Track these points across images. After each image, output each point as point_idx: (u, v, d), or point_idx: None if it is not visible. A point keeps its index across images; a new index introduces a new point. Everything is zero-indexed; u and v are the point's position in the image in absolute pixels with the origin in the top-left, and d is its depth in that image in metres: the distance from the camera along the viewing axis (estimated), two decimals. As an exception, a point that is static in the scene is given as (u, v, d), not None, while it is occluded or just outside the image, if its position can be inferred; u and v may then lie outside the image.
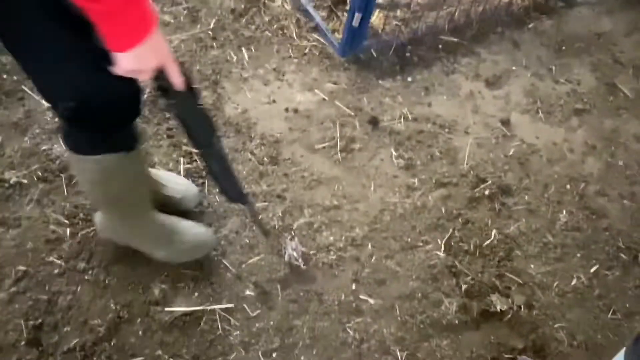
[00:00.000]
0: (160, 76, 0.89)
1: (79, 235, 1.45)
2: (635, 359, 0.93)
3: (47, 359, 1.26)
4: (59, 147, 1.62)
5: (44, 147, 1.61)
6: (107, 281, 1.39)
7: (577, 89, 2.20)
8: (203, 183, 1.65)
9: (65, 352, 1.27)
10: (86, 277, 1.39)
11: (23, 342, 1.27)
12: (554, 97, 2.14)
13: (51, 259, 1.40)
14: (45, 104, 1.72)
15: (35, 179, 1.54)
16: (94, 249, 1.43)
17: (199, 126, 1.01)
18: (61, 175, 1.57)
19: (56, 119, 1.68)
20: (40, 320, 1.30)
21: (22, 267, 1.37)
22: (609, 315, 1.57)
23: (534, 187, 1.84)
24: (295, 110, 1.92)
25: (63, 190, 1.53)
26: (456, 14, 2.34)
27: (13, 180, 1.53)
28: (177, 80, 0.91)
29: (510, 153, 1.92)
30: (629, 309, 1.60)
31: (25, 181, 1.53)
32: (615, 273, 1.67)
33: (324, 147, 1.82)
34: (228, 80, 1.97)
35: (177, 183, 1.51)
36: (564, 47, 2.36)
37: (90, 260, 1.41)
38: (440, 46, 2.27)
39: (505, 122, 2.02)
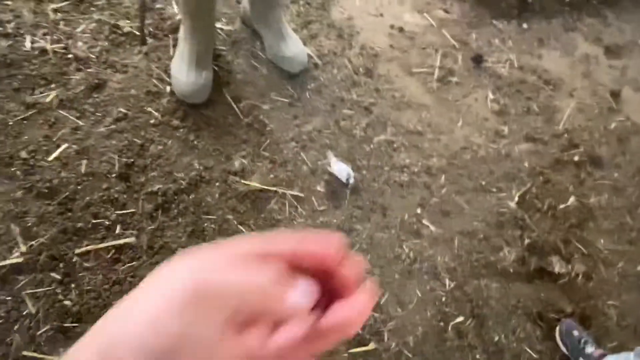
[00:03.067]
0: None
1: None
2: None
3: (132, 195, 1.37)
4: (172, 9, 1.67)
5: (158, 6, 1.66)
6: (195, 142, 1.47)
7: None
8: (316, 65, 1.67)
9: (149, 194, 1.38)
10: (177, 134, 1.47)
11: (114, 175, 1.38)
12: (677, 81, 1.97)
13: (149, 109, 1.49)
14: (166, -35, 1.75)
15: (147, 33, 1.60)
16: (188, 111, 1.51)
17: None
18: (169, 36, 1.62)
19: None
20: (132, 160, 1.41)
21: (123, 110, 1.47)
22: (668, 309, 1.53)
23: (626, 166, 1.75)
24: (401, 29, 1.87)
25: (170, 50, 1.59)
26: (594, -32, 2.14)
27: (126, 29, 1.60)
28: None
29: (612, 127, 1.82)
30: (690, 309, 1.54)
31: (137, 33, 1.60)
32: (686, 272, 1.60)
33: (420, 72, 1.78)
34: (340, -16, 1.92)
35: (295, 44, 1.62)
36: (703, 32, 2.13)
37: (184, 120, 1.49)
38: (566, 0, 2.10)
39: (615, 95, 1.89)
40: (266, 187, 1.45)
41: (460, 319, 1.39)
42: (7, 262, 1.20)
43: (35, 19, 1.55)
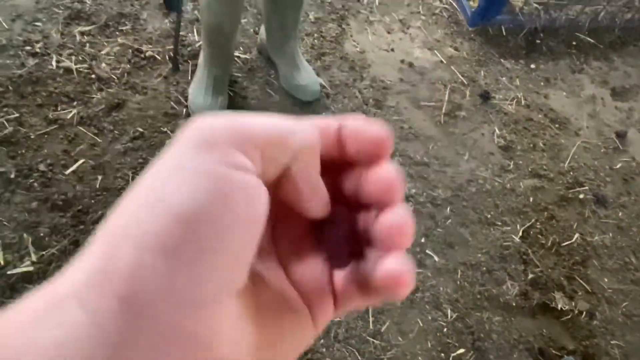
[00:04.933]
0: None
1: (193, 117, 1.58)
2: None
3: (143, 211, 1.41)
4: (193, 37, 1.75)
5: (181, 33, 1.74)
6: (206, 163, 1.51)
7: None
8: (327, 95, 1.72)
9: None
10: (190, 154, 1.52)
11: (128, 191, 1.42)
12: (682, 125, 2.00)
13: (166, 129, 1.54)
14: (190, -4, 1.85)
15: (167, 58, 1.68)
16: (202, 132, 1.56)
17: None
18: (189, 61, 1.70)
19: (195, 11, 1.81)
20: (145, 177, 1.45)
21: (140, 129, 1.52)
22: (673, 352, 1.50)
23: (631, 206, 1.76)
24: (411, 64, 1.93)
25: (188, 75, 1.66)
26: (601, 14, 2.21)
27: (148, 53, 1.68)
28: None
29: (617, 167, 1.84)
30: (696, 354, 1.52)
31: (158, 57, 1.67)
32: (692, 315, 1.58)
33: (429, 106, 1.83)
34: (354, 19, 2.01)
35: (308, 74, 1.68)
36: None
37: (197, 141, 1.54)
38: (574, 43, 2.17)
39: (621, 136, 1.92)
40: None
41: (461, 350, 1.39)
42: (18, 270, 1.23)
43: (63, 39, 1.64)
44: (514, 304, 1.49)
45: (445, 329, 1.42)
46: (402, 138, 1.74)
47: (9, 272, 1.22)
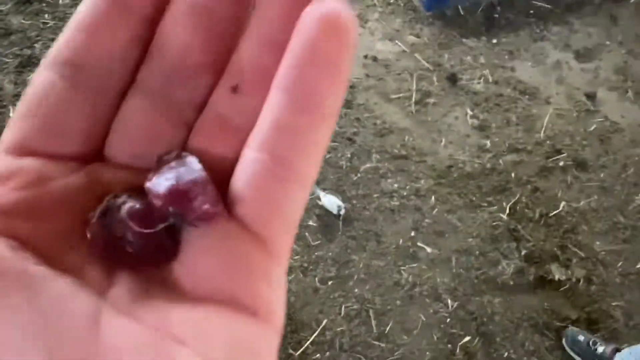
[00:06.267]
0: None
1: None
2: None
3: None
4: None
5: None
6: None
7: (675, 72, 2.05)
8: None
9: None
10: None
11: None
12: (648, 77, 2.02)
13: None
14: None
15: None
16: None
17: None
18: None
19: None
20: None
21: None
22: (673, 304, 1.52)
23: (611, 165, 1.77)
24: (374, 58, 1.91)
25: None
26: (554, -21, 2.22)
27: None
28: None
29: (592, 128, 1.85)
30: (696, 301, 1.54)
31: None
32: (686, 264, 1.60)
33: (398, 98, 1.82)
34: (311, 22, 1.98)
35: None
36: (667, 27, 2.19)
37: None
38: (531, 11, 2.17)
39: (591, 97, 1.93)
40: (258, 229, 1.46)
41: (467, 338, 1.38)
42: None
43: (17, 89, 1.59)
44: (512, 283, 1.48)
45: (448, 320, 1.41)
46: (377, 134, 1.73)
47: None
